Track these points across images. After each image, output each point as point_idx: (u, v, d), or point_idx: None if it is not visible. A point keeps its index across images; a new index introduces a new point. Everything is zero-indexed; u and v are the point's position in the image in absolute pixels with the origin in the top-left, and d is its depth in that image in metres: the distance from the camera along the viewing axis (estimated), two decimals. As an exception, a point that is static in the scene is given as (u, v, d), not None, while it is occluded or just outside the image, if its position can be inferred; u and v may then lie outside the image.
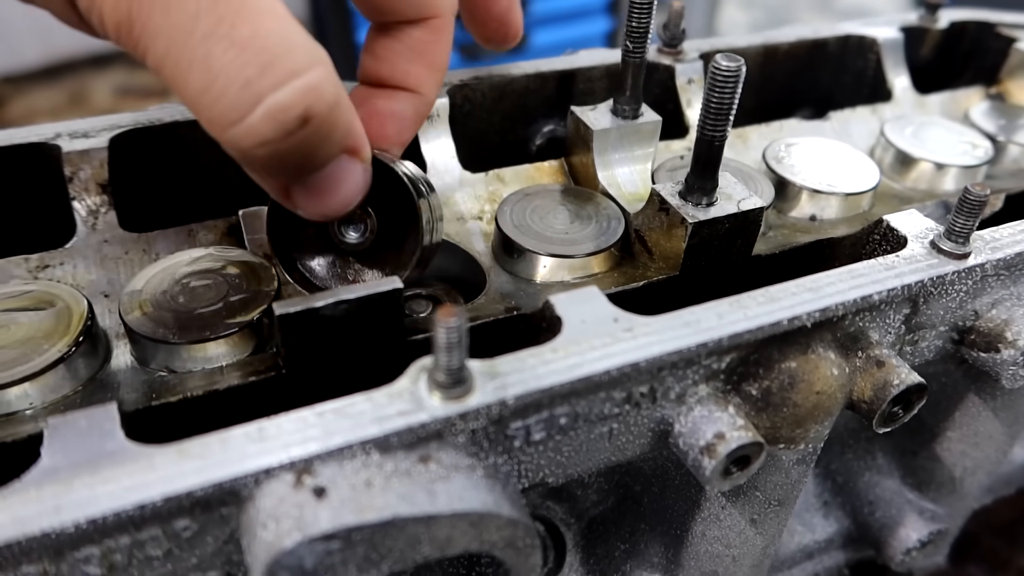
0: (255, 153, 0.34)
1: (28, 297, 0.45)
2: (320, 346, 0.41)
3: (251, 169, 0.38)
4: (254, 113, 0.33)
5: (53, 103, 3.38)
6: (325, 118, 0.34)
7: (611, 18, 3.04)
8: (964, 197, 0.44)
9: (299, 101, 0.33)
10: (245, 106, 0.33)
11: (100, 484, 0.31)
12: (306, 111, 0.33)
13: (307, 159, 0.37)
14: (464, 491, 0.35)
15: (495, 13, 0.53)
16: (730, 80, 0.43)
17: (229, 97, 0.32)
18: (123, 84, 3.52)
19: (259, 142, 0.34)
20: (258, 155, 0.35)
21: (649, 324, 0.40)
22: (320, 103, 0.34)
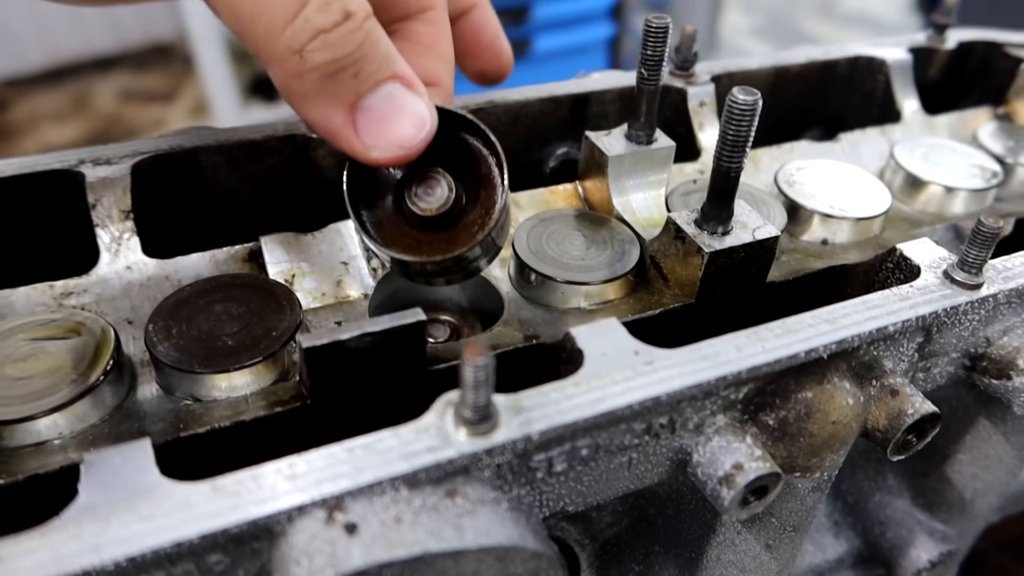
0: (313, 56, 0.38)
1: (55, 326, 0.45)
2: (345, 377, 0.42)
3: (312, 89, 0.40)
4: (308, 7, 0.37)
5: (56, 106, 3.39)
6: (364, 19, 0.39)
7: (614, 23, 3.05)
8: (977, 229, 0.45)
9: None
10: (298, 5, 0.37)
11: (138, 522, 0.31)
12: (346, 6, 0.38)
13: (361, 66, 0.39)
14: (490, 525, 0.35)
15: (485, 43, 0.56)
16: (747, 113, 0.44)
17: None
18: (126, 87, 3.52)
19: (313, 33, 0.37)
20: (316, 57, 0.38)
21: (669, 357, 0.40)
22: (356, 4, 0.38)
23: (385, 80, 0.41)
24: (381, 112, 0.41)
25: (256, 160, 0.56)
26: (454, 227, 0.45)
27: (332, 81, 0.39)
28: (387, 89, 0.41)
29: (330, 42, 0.38)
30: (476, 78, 0.57)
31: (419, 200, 0.45)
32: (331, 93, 0.40)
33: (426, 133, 0.42)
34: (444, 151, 0.45)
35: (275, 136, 0.55)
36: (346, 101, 0.40)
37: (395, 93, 0.41)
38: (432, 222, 0.45)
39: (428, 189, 0.45)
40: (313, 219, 0.55)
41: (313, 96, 0.40)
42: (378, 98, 0.41)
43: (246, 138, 0.55)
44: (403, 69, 0.42)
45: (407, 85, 0.42)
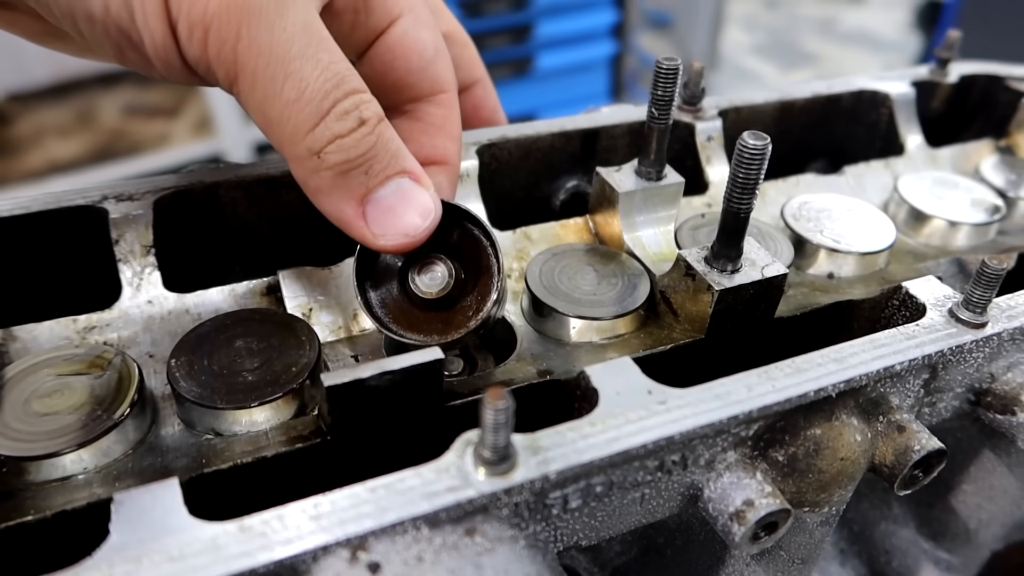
0: (329, 157, 0.42)
1: (79, 361, 0.46)
2: (364, 414, 0.43)
3: (327, 184, 0.44)
4: (329, 115, 0.42)
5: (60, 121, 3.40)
6: (376, 124, 0.43)
7: (615, 41, 3.07)
8: (982, 270, 0.46)
9: (356, 106, 0.43)
10: (324, 111, 0.42)
11: (168, 562, 0.32)
12: (361, 114, 0.43)
13: (371, 164, 0.44)
14: (508, 563, 0.36)
15: (484, 117, 0.63)
16: (756, 157, 0.45)
17: (314, 104, 0.41)
18: (131, 103, 3.55)
19: (331, 138, 0.42)
20: (332, 158, 0.42)
21: (682, 396, 0.41)
22: (370, 111, 0.43)
23: (394, 176, 0.45)
24: (389, 204, 0.45)
25: (274, 195, 0.57)
26: (453, 309, 0.49)
27: (345, 178, 0.44)
28: (395, 184, 0.45)
29: (345, 146, 0.42)
30: None
31: (420, 284, 0.48)
32: (344, 187, 0.44)
33: (430, 223, 0.46)
34: (447, 239, 0.48)
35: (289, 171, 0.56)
36: (357, 195, 0.44)
37: (403, 187, 0.45)
38: (432, 304, 0.48)
39: (429, 274, 0.48)
40: (330, 253, 0.56)
41: (328, 190, 0.44)
42: (387, 192, 0.45)
43: (264, 173, 0.56)
44: (411, 165, 0.46)
45: (415, 179, 0.45)
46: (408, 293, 0.48)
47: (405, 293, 0.49)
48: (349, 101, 0.42)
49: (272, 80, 0.41)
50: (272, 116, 0.42)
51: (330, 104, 0.42)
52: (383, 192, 0.44)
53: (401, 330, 0.48)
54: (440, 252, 0.48)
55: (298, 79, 0.41)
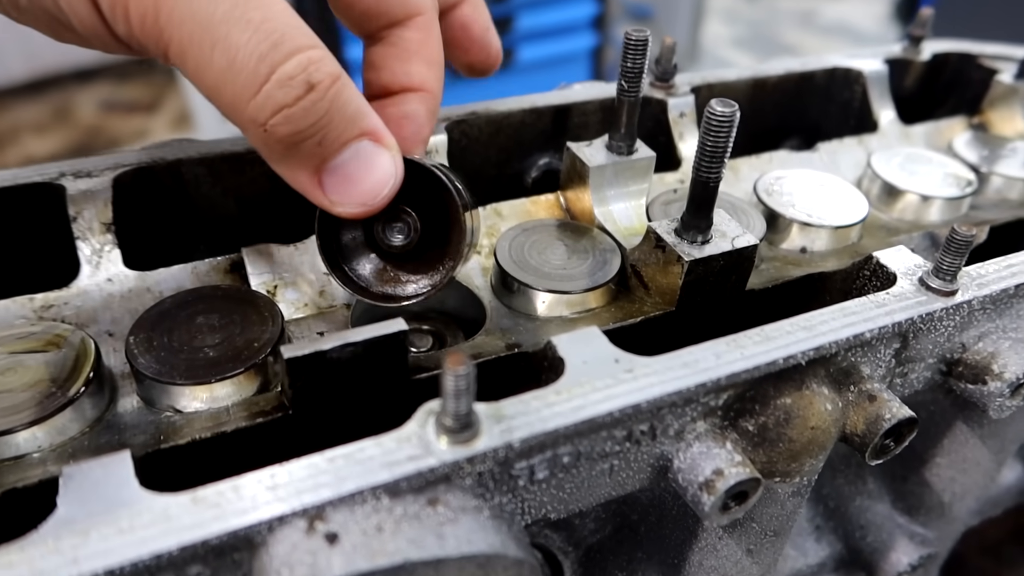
0: (277, 129, 0.39)
1: (34, 339, 0.45)
2: (327, 387, 0.42)
3: (279, 155, 0.41)
4: (269, 82, 0.38)
5: (37, 117, 3.36)
6: (328, 87, 0.39)
7: (596, 34, 3.07)
8: (951, 237, 0.45)
9: (303, 68, 0.38)
10: (261, 77, 0.38)
11: (117, 535, 0.31)
12: (309, 78, 0.38)
13: (325, 133, 0.40)
14: (472, 533, 0.36)
15: (475, 36, 0.56)
16: (725, 124, 0.44)
17: (248, 70, 0.37)
18: (108, 98, 3.51)
19: (275, 108, 0.38)
20: (279, 130, 0.39)
21: (649, 365, 0.41)
22: (320, 72, 0.39)
23: (351, 140, 0.42)
24: (347, 173, 0.42)
25: (238, 172, 0.56)
26: (423, 260, 0.48)
27: (297, 148, 0.41)
28: (354, 149, 0.42)
29: (293, 116, 0.39)
30: (465, 70, 0.57)
31: (386, 237, 0.47)
32: (297, 158, 0.41)
33: (390, 189, 0.43)
34: (413, 190, 0.46)
35: (257, 147, 0.55)
36: (312, 165, 0.42)
37: (362, 152, 0.42)
38: (400, 256, 0.47)
39: (395, 227, 0.47)
40: (295, 230, 0.55)
41: (280, 158, 0.42)
42: (344, 158, 0.42)
43: (228, 150, 0.55)
44: (371, 124, 0.42)
45: (375, 140, 0.42)
46: (375, 246, 0.47)
47: (373, 246, 0.47)
48: (293, 63, 0.38)
49: (200, 50, 0.38)
50: (209, 86, 0.39)
51: (268, 69, 0.37)
52: (340, 159, 0.42)
53: (373, 287, 0.47)
54: (405, 204, 0.46)
55: (226, 45, 0.37)
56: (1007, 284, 0.49)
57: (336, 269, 0.48)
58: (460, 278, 0.54)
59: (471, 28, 0.56)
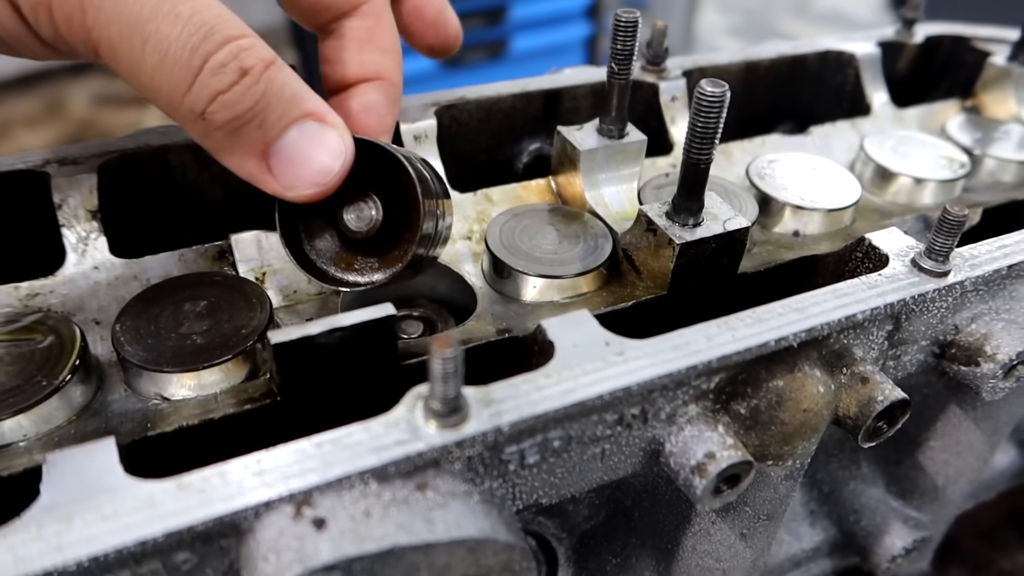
0: (215, 117, 0.39)
1: (20, 327, 0.45)
2: (315, 373, 0.42)
3: (223, 144, 0.41)
4: (202, 72, 0.38)
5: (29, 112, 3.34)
6: (261, 72, 0.39)
7: (590, 23, 3.05)
8: (943, 217, 0.45)
9: (234, 56, 0.38)
10: (195, 69, 0.38)
11: (101, 521, 0.31)
12: (241, 64, 0.38)
13: (264, 116, 0.40)
14: (461, 518, 0.35)
15: (429, 19, 0.56)
16: (715, 105, 0.44)
17: (181, 63, 0.38)
18: (100, 92, 3.49)
19: (210, 96, 0.38)
20: (218, 117, 0.39)
21: (640, 348, 0.40)
22: (252, 58, 0.39)
23: (293, 122, 0.41)
24: (293, 154, 0.42)
25: (225, 158, 0.55)
26: (389, 245, 0.47)
27: (239, 134, 0.40)
28: (297, 130, 0.41)
29: (229, 102, 0.39)
30: (425, 52, 0.57)
31: (349, 223, 0.46)
32: (240, 145, 0.41)
33: (340, 167, 0.43)
34: (371, 173, 0.45)
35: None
36: (256, 150, 0.41)
37: (306, 132, 0.42)
38: (366, 243, 0.46)
39: (357, 212, 0.46)
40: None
41: (225, 149, 0.41)
42: (289, 140, 0.41)
43: (215, 136, 0.54)
44: (313, 106, 0.42)
45: (319, 120, 0.42)
46: (340, 235, 0.46)
47: (338, 235, 0.47)
48: (224, 52, 0.38)
49: (131, 48, 0.37)
50: (144, 84, 0.38)
51: (201, 60, 0.38)
52: (284, 142, 0.41)
53: (338, 273, 0.46)
54: (366, 188, 0.46)
55: (157, 41, 0.37)
56: (1000, 265, 0.48)
57: (298, 255, 0.47)
58: (451, 264, 0.54)
59: (424, 10, 0.55)
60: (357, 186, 0.45)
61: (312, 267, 0.47)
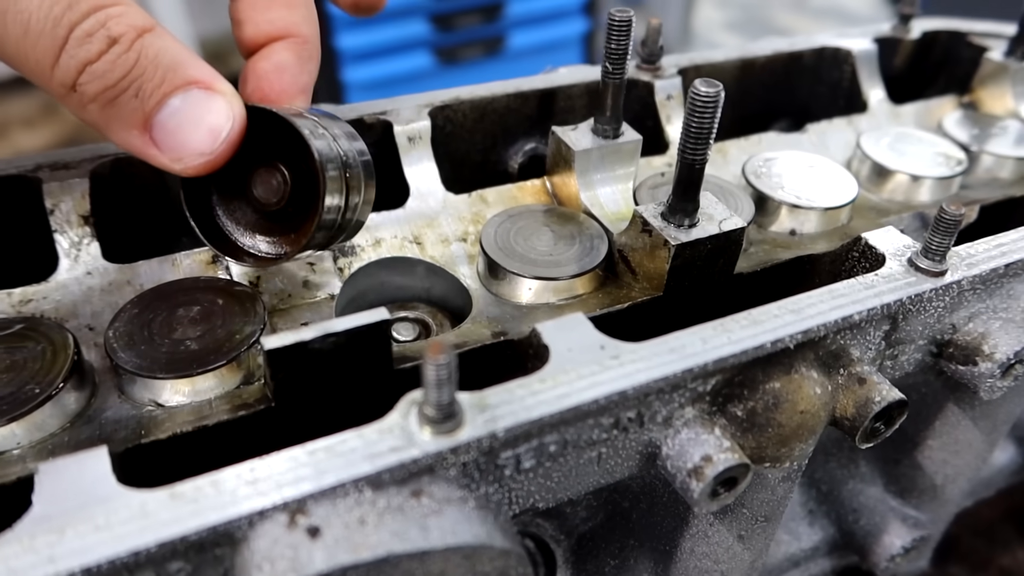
0: (86, 88, 0.37)
1: (12, 334, 0.44)
2: (309, 378, 0.41)
3: (101, 117, 0.39)
4: (68, 42, 0.36)
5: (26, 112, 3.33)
6: (133, 39, 0.38)
7: (588, 19, 3.05)
8: (940, 216, 0.45)
9: (101, 24, 0.37)
10: (60, 40, 0.36)
11: (94, 532, 0.31)
12: (109, 32, 0.37)
13: (140, 84, 0.38)
14: (456, 524, 0.35)
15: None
16: (709, 105, 0.44)
17: (45, 35, 0.36)
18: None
19: (79, 67, 0.37)
20: (89, 89, 0.37)
21: (635, 351, 0.40)
22: (121, 25, 0.37)
23: (175, 90, 0.40)
24: (176, 124, 0.40)
25: (218, 161, 0.55)
26: (301, 215, 0.45)
27: (115, 106, 0.39)
28: (180, 99, 0.40)
29: (98, 72, 0.37)
30: (351, 10, 0.54)
31: (260, 195, 0.45)
32: (119, 118, 0.39)
33: (228, 134, 0.41)
34: (278, 142, 0.44)
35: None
36: (137, 122, 0.40)
37: (190, 101, 0.40)
38: (280, 213, 0.45)
39: (266, 183, 0.45)
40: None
41: (104, 123, 0.40)
42: (171, 110, 0.40)
43: (208, 139, 0.54)
44: (196, 73, 0.40)
45: (204, 88, 0.40)
46: (253, 207, 0.45)
47: (250, 208, 0.46)
48: (91, 21, 0.36)
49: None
50: (11, 57, 0.37)
51: (66, 30, 0.36)
52: (166, 111, 0.39)
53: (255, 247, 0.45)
54: (273, 157, 0.44)
55: (16, 12, 0.36)
56: (997, 264, 0.48)
57: (209, 230, 0.46)
58: (445, 265, 0.54)
59: None
60: (264, 156, 0.44)
61: (224, 241, 0.46)
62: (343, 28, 2.35)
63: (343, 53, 2.35)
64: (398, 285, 0.55)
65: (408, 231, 0.55)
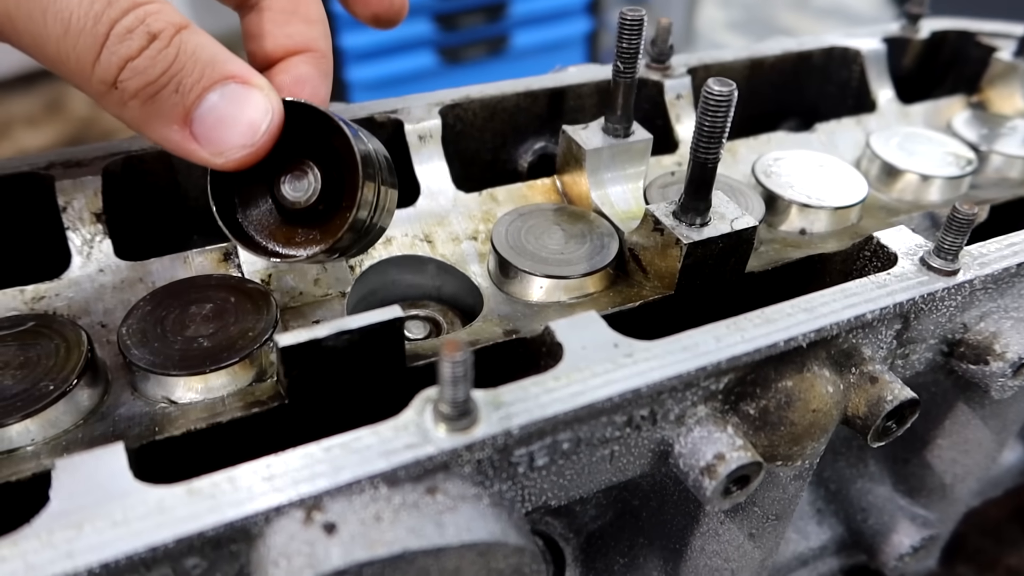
0: (127, 84, 0.38)
1: (26, 331, 0.44)
2: (322, 376, 0.41)
3: (141, 115, 0.39)
4: (109, 39, 0.37)
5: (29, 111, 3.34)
6: (172, 35, 0.38)
7: (591, 18, 3.05)
8: (953, 216, 0.45)
9: (140, 21, 0.37)
10: (101, 37, 0.37)
11: (111, 527, 0.31)
12: (148, 28, 0.37)
13: (180, 79, 0.39)
14: (471, 521, 0.35)
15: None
16: (722, 104, 0.44)
17: (86, 32, 0.36)
18: (101, 90, 3.48)
19: (120, 64, 0.37)
20: (130, 85, 0.38)
21: (649, 349, 0.40)
22: (160, 22, 0.38)
23: (214, 85, 0.40)
24: (216, 118, 0.40)
25: (230, 159, 0.55)
26: (330, 216, 0.45)
27: (155, 102, 0.39)
28: (219, 93, 0.40)
29: (139, 68, 0.38)
30: (371, 22, 0.54)
31: (287, 193, 0.44)
32: (159, 113, 0.39)
33: (268, 127, 0.41)
34: (307, 141, 0.44)
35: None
36: (177, 117, 0.40)
37: (229, 94, 0.40)
38: (306, 214, 0.45)
39: (295, 182, 0.44)
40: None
41: (145, 120, 0.40)
42: (210, 104, 0.40)
43: (219, 137, 0.54)
44: (233, 68, 0.41)
45: (242, 82, 0.41)
46: (279, 206, 0.45)
47: (276, 206, 0.45)
48: (130, 18, 0.37)
49: (31, 20, 0.36)
50: (51, 58, 0.37)
51: (107, 27, 0.36)
52: (206, 106, 0.40)
53: (275, 246, 0.45)
54: (303, 155, 0.44)
55: (57, 10, 0.36)
56: (1009, 263, 0.48)
57: (233, 227, 0.45)
58: (456, 264, 0.54)
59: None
60: (293, 154, 0.44)
61: (248, 239, 0.45)
62: (347, 28, 2.35)
63: (347, 52, 2.35)
64: (409, 283, 0.55)
65: (419, 229, 0.55)
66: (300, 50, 0.47)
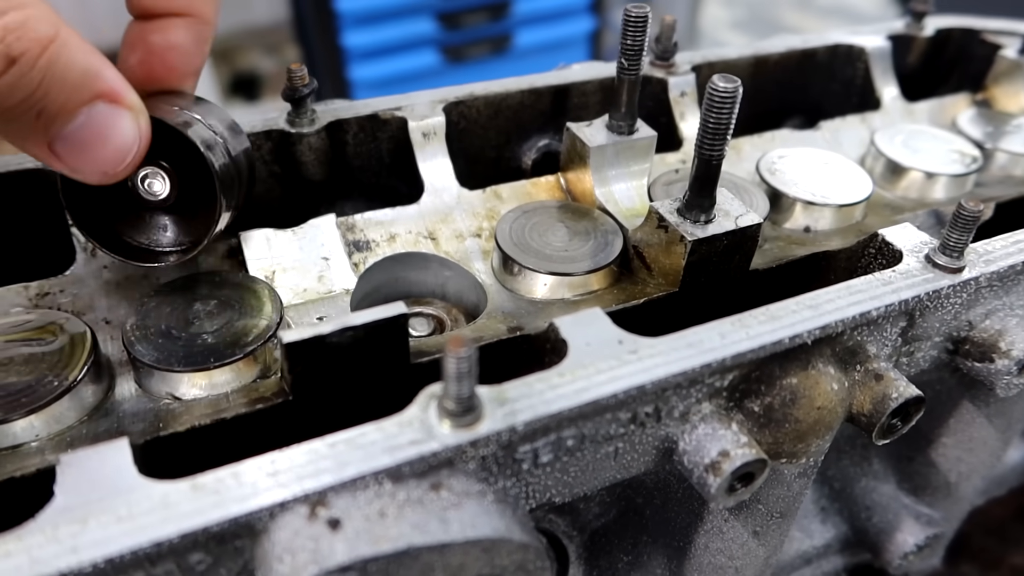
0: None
1: (30, 327, 0.44)
2: (327, 372, 0.41)
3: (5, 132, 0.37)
4: None
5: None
6: (37, 57, 0.34)
7: (594, 17, 3.04)
8: (958, 213, 0.45)
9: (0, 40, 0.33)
10: None
11: (116, 523, 0.31)
12: (9, 50, 0.33)
13: (43, 105, 0.36)
14: (476, 517, 0.35)
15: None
16: (727, 101, 0.44)
17: None
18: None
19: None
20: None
21: (653, 346, 0.40)
22: (24, 41, 0.34)
23: (80, 106, 0.37)
24: (81, 140, 0.38)
25: (234, 156, 0.55)
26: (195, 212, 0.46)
27: (18, 123, 0.36)
28: (85, 114, 0.37)
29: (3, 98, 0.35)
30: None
31: (145, 192, 0.45)
32: (19, 134, 0.37)
33: (133, 156, 0.40)
34: (170, 144, 0.44)
35: (253, 132, 0.55)
36: (41, 139, 0.38)
37: (96, 116, 0.38)
38: (170, 208, 0.46)
39: (150, 183, 0.45)
40: (293, 215, 0.54)
41: (9, 136, 0.38)
42: (76, 126, 0.37)
43: (223, 134, 0.54)
44: (103, 86, 0.38)
45: (111, 102, 0.38)
46: (137, 204, 0.45)
47: (134, 204, 0.45)
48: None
49: None
50: None
51: None
52: (71, 128, 0.37)
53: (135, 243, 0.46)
54: (161, 159, 0.44)
55: None
56: (1014, 260, 0.48)
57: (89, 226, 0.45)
58: (460, 261, 0.54)
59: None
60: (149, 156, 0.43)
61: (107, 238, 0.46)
62: (350, 26, 2.35)
63: (350, 51, 2.35)
64: (413, 280, 0.55)
65: (423, 226, 0.55)
66: (181, 12, 0.44)
